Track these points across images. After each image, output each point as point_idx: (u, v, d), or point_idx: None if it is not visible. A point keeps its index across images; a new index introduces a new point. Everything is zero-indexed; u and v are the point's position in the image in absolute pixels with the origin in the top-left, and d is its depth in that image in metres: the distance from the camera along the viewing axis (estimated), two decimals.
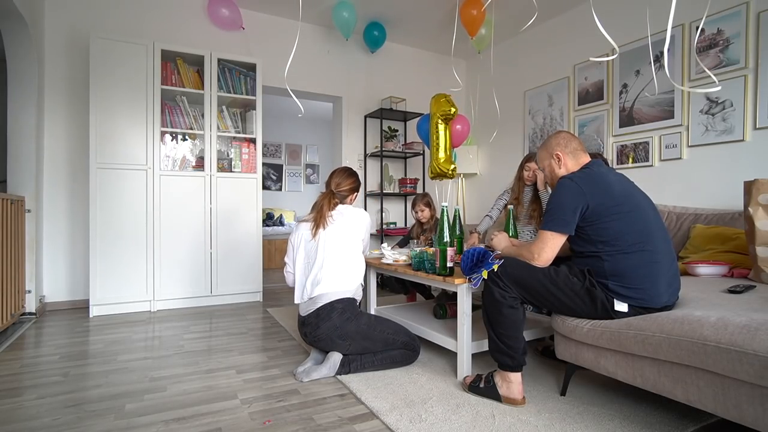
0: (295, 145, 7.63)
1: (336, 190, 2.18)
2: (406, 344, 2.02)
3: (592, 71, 3.67)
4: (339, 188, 2.19)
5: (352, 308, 2.01)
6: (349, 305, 2.01)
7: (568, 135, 1.76)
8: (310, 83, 4.28)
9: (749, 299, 1.52)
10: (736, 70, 2.75)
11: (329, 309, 1.97)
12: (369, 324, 1.99)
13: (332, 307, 1.97)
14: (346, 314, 1.97)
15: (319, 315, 1.98)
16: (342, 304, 1.99)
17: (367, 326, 1.98)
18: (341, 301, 2.00)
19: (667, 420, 1.52)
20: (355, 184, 2.24)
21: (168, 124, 3.38)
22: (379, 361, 1.99)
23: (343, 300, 2.00)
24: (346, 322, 1.96)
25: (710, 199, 2.87)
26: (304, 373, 1.92)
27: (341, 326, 1.95)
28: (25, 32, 2.94)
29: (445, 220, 1.92)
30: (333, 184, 2.20)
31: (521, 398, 1.64)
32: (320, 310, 1.98)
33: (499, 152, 4.64)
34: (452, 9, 3.87)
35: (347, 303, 2.01)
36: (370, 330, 1.98)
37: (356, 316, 1.99)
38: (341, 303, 1.99)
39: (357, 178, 2.27)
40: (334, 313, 1.96)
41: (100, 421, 1.52)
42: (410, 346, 2.04)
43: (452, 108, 3.37)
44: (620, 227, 1.54)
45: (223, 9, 3.64)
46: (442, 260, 1.92)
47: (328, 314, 1.96)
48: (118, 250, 3.16)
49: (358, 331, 1.96)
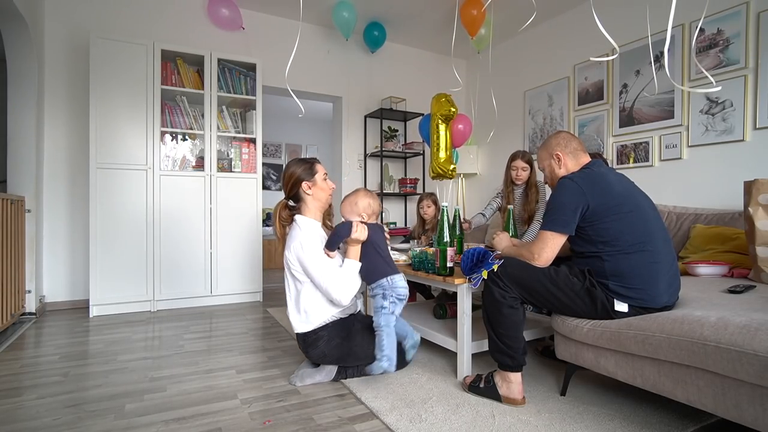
0: (295, 145, 7.63)
1: (287, 195, 1.90)
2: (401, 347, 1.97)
3: (592, 71, 3.67)
4: (285, 189, 1.90)
5: (339, 330, 1.80)
6: (336, 329, 1.80)
7: (568, 135, 1.76)
8: (310, 83, 4.28)
9: (749, 299, 1.52)
10: (736, 70, 2.75)
11: (313, 338, 1.79)
12: (361, 343, 1.80)
13: (317, 336, 1.78)
14: (334, 341, 1.78)
15: (305, 341, 1.81)
16: (327, 332, 1.78)
17: (359, 346, 1.80)
18: (324, 328, 1.78)
19: (667, 420, 1.52)
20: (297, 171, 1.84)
21: (168, 124, 3.38)
22: None
23: (327, 326, 1.79)
24: (335, 349, 1.78)
25: (710, 199, 2.87)
26: (297, 378, 1.85)
27: (330, 354, 1.79)
28: (25, 32, 2.94)
29: (445, 220, 1.92)
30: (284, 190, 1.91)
31: (521, 398, 1.64)
32: (305, 336, 1.80)
33: (499, 152, 4.64)
34: (452, 9, 3.87)
35: (332, 328, 1.79)
36: (362, 349, 1.80)
37: (346, 339, 1.79)
38: (325, 330, 1.79)
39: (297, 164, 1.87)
40: (320, 342, 1.78)
41: (100, 421, 1.52)
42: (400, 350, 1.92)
43: (453, 108, 3.37)
44: (620, 227, 1.54)
45: (223, 9, 3.64)
46: (442, 260, 1.92)
47: (314, 343, 1.79)
48: (118, 250, 3.16)
49: (351, 354, 1.80)
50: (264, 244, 5.28)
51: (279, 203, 1.90)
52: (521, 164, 2.82)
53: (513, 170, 2.84)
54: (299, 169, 1.85)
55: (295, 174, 1.84)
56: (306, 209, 1.88)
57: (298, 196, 1.88)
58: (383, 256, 1.86)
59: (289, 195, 1.89)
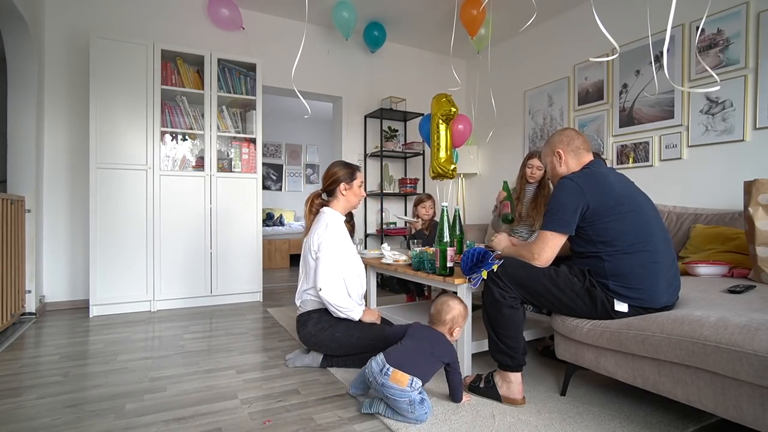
0: (295, 145, 7.63)
1: (324, 188, 2.16)
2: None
3: (592, 71, 3.67)
4: (324, 184, 2.16)
5: (328, 317, 2.02)
6: (326, 314, 2.03)
7: (572, 132, 1.75)
8: (310, 83, 4.28)
9: (749, 299, 1.52)
10: (736, 70, 2.75)
11: (306, 318, 2.05)
12: (345, 332, 1.99)
13: (309, 316, 2.05)
14: (321, 324, 2.00)
15: (299, 321, 2.08)
16: (318, 314, 2.04)
17: (342, 334, 1.98)
18: (318, 311, 2.05)
19: (667, 420, 1.52)
20: (340, 172, 2.12)
21: (168, 124, 3.38)
22: (359, 361, 2.00)
23: (320, 309, 2.05)
24: (321, 332, 2.00)
25: (710, 199, 2.87)
26: (290, 360, 2.08)
27: (315, 335, 2.01)
28: (25, 32, 2.94)
29: (445, 220, 1.91)
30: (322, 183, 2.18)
31: (521, 398, 1.64)
32: (300, 317, 2.08)
33: (499, 152, 4.64)
34: (452, 9, 3.87)
35: (324, 312, 2.04)
36: (346, 338, 1.99)
37: (332, 325, 2.00)
38: (317, 312, 2.04)
39: (342, 166, 2.14)
40: (310, 323, 2.02)
41: (100, 421, 1.52)
42: None
43: (453, 108, 3.37)
44: (620, 227, 1.54)
45: (223, 9, 3.64)
46: (442, 260, 1.92)
47: (305, 323, 2.04)
48: (118, 250, 3.16)
49: (333, 339, 1.99)
50: (264, 244, 5.29)
51: (313, 192, 2.16)
52: (537, 163, 2.84)
53: (528, 168, 2.87)
54: (342, 171, 2.12)
55: (337, 174, 2.11)
56: (336, 204, 2.14)
57: (333, 192, 2.13)
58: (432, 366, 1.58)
59: (326, 189, 2.14)
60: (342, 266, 2.04)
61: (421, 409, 1.47)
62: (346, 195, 2.13)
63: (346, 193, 2.13)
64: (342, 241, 2.06)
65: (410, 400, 1.46)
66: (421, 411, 1.47)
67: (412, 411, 1.46)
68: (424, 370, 1.53)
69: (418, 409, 1.47)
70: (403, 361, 1.51)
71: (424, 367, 1.53)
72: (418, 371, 1.50)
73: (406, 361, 1.51)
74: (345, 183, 2.11)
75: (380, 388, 1.50)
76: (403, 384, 1.45)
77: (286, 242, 6.23)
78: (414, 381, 1.47)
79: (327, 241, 1.99)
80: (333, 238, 2.00)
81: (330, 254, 1.98)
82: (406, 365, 1.50)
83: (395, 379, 1.46)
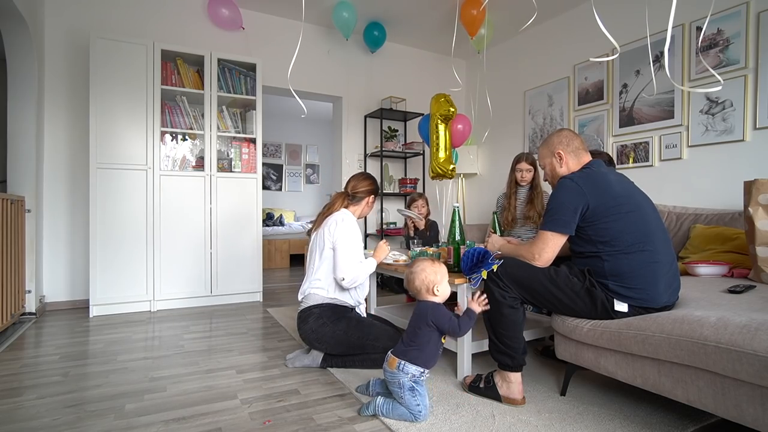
0: (295, 145, 7.63)
1: (352, 192, 2.28)
2: (386, 348, 1.99)
3: (592, 71, 3.67)
4: (355, 190, 2.28)
5: (329, 313, 2.05)
6: (327, 311, 2.06)
7: (570, 133, 1.76)
8: (310, 83, 4.28)
9: (749, 299, 1.52)
10: (736, 70, 2.75)
11: (307, 313, 2.07)
12: (346, 330, 2.01)
13: (310, 312, 2.07)
14: (322, 320, 2.03)
15: (300, 317, 2.10)
16: (319, 309, 2.06)
17: (343, 332, 2.01)
18: (319, 307, 2.07)
19: (667, 420, 1.52)
20: (372, 187, 2.32)
21: (168, 124, 3.38)
22: (359, 362, 2.02)
23: (321, 305, 2.07)
24: (321, 327, 2.01)
25: (710, 199, 2.87)
26: (290, 360, 2.10)
27: (316, 330, 2.02)
28: (25, 32, 2.94)
29: (457, 219, 2.00)
30: (349, 186, 2.30)
31: (521, 398, 1.64)
32: (302, 312, 2.11)
33: (499, 152, 4.64)
34: (452, 9, 3.87)
35: (325, 308, 2.06)
36: (347, 336, 2.00)
37: (333, 322, 2.02)
38: (318, 308, 2.06)
39: (374, 181, 2.35)
40: (311, 318, 2.04)
41: (100, 421, 1.52)
42: None
43: (452, 108, 3.38)
44: (620, 227, 1.54)
45: (223, 9, 3.64)
46: (455, 258, 1.98)
47: (306, 318, 2.06)
48: (118, 250, 3.16)
49: (333, 336, 2.00)
50: (264, 244, 5.29)
51: (342, 192, 2.30)
52: (525, 166, 2.88)
53: (518, 172, 2.91)
54: (375, 186, 2.35)
55: (372, 186, 2.32)
56: (355, 209, 2.30)
57: (360, 199, 2.29)
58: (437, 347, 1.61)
59: (353, 193, 2.28)
60: (359, 253, 2.15)
61: (411, 397, 1.50)
62: (368, 205, 2.34)
63: (368, 204, 2.35)
64: (357, 234, 2.18)
65: (400, 382, 1.52)
66: (411, 399, 1.50)
67: (402, 396, 1.51)
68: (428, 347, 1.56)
69: (408, 395, 1.50)
70: (404, 345, 1.58)
71: (426, 345, 1.56)
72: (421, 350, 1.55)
73: (408, 344, 1.57)
74: (373, 196, 2.35)
75: (384, 375, 1.60)
76: (392, 366, 1.55)
77: (286, 242, 6.23)
78: (403, 364, 1.53)
79: (344, 231, 2.10)
80: (349, 229, 2.13)
81: (348, 242, 2.09)
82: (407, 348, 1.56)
83: (389, 364, 1.57)
